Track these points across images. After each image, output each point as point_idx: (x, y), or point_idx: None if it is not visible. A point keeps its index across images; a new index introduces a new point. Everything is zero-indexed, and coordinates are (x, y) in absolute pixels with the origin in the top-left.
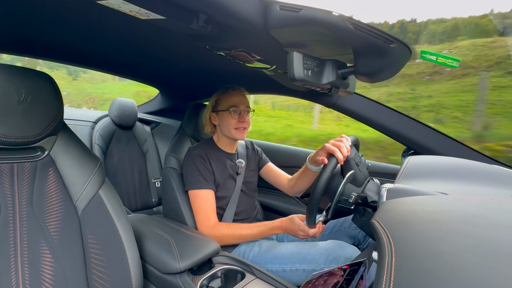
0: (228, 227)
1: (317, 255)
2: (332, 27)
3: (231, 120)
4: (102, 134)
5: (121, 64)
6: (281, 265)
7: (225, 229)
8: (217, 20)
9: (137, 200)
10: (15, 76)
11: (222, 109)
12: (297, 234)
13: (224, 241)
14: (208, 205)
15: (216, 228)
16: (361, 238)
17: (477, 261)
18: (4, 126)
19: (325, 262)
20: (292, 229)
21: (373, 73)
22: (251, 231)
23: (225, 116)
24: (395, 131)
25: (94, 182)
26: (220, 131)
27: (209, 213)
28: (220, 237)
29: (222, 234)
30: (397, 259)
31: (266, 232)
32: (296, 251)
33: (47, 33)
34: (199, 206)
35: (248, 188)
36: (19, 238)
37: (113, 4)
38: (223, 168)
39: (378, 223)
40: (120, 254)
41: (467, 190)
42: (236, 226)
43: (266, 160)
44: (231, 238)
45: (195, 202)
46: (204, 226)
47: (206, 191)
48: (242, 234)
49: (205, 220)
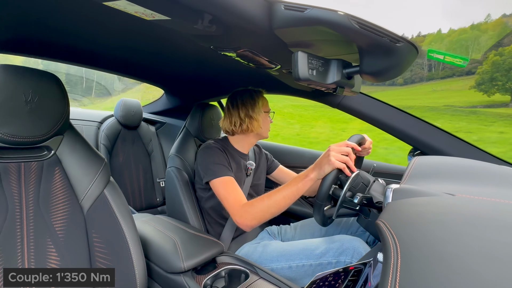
0: (260, 199)
1: (325, 249)
2: (337, 27)
3: (268, 121)
4: (107, 134)
5: (127, 64)
6: (287, 262)
7: (256, 203)
8: (222, 20)
9: (142, 199)
10: (22, 77)
11: (266, 111)
12: (339, 153)
13: (260, 216)
14: (234, 188)
15: (247, 206)
16: (370, 241)
17: (484, 264)
18: (11, 126)
19: (333, 255)
20: (328, 153)
21: (378, 73)
22: (286, 191)
23: (264, 117)
24: (401, 131)
25: (99, 182)
26: (256, 132)
27: (237, 196)
28: (254, 214)
29: (254, 210)
30: (403, 260)
31: (301, 183)
32: (302, 247)
33: (53, 34)
34: (226, 192)
35: (255, 191)
36: (26, 236)
37: (119, 5)
38: (238, 167)
39: (384, 224)
40: (125, 253)
41: (475, 191)
42: (266, 196)
43: (277, 163)
44: (267, 208)
45: (220, 190)
46: (235, 210)
47: (229, 177)
48: (276, 200)
49: (235, 204)
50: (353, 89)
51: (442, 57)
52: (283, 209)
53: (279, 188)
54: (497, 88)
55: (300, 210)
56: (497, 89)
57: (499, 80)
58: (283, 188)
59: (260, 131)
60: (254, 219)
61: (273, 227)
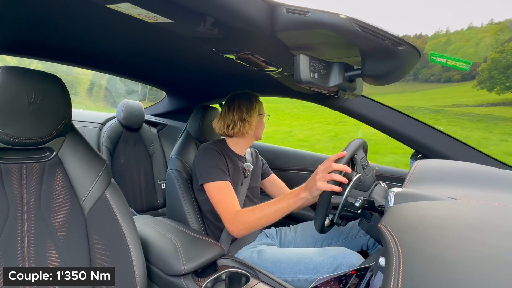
0: (252, 210)
1: (319, 264)
2: (339, 30)
3: (263, 124)
4: (109, 136)
5: (129, 67)
6: (282, 275)
7: (248, 213)
8: (224, 23)
9: (143, 201)
10: (25, 78)
11: (262, 114)
12: (324, 178)
13: (251, 227)
14: (228, 194)
15: (239, 215)
16: (370, 244)
17: (487, 269)
18: (14, 127)
19: (328, 271)
20: (315, 177)
21: (380, 76)
22: (277, 206)
23: (260, 119)
24: (403, 134)
25: (100, 183)
26: (252, 133)
27: (230, 202)
28: (245, 224)
29: (246, 221)
30: (405, 265)
31: (292, 200)
32: (297, 260)
33: (56, 37)
34: (220, 197)
35: (252, 194)
36: (26, 237)
37: (122, 8)
38: (235, 169)
39: (386, 228)
40: (125, 254)
41: (477, 195)
42: (258, 208)
43: (270, 172)
44: (257, 220)
45: (215, 194)
46: (227, 217)
47: (225, 182)
48: (267, 213)
49: (227, 210)
50: (355, 92)
51: (444, 61)
52: (273, 221)
53: (271, 202)
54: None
55: (300, 212)
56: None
57: (497, 78)
58: (274, 202)
59: (257, 133)
60: (245, 228)
61: (271, 229)
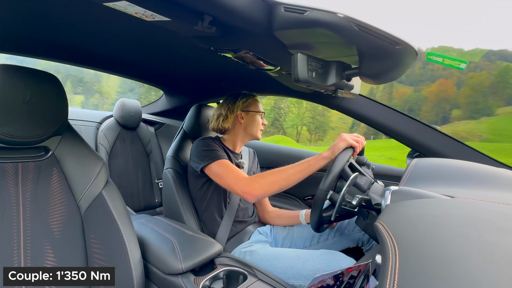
0: (269, 172)
1: (311, 270)
2: (337, 29)
3: (259, 122)
4: (106, 134)
5: (126, 65)
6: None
7: (265, 174)
8: (222, 21)
9: (140, 200)
10: (21, 77)
11: (254, 111)
12: (349, 137)
13: (268, 188)
14: (233, 167)
15: (254, 177)
16: (365, 241)
17: (483, 266)
18: (9, 126)
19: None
20: (340, 138)
21: (378, 75)
22: (298, 166)
23: (255, 117)
24: (400, 133)
25: (97, 182)
26: (242, 130)
27: (239, 172)
28: (262, 184)
29: (263, 181)
30: (401, 262)
31: (313, 160)
32: (290, 265)
33: (54, 35)
34: (227, 172)
35: None
36: (22, 236)
37: (119, 6)
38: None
39: (382, 226)
40: (123, 254)
41: (474, 193)
42: (276, 170)
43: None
44: (276, 180)
45: (220, 170)
46: (241, 184)
47: (226, 160)
48: (288, 173)
49: (239, 179)
50: (352, 91)
51: (441, 60)
52: (293, 184)
53: (290, 165)
54: None
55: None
56: None
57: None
58: (294, 164)
59: (250, 130)
60: (262, 188)
61: (266, 227)
